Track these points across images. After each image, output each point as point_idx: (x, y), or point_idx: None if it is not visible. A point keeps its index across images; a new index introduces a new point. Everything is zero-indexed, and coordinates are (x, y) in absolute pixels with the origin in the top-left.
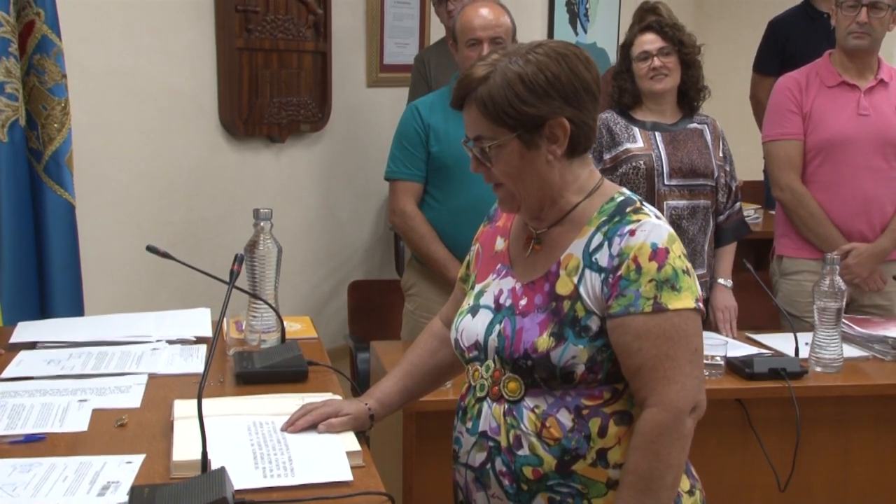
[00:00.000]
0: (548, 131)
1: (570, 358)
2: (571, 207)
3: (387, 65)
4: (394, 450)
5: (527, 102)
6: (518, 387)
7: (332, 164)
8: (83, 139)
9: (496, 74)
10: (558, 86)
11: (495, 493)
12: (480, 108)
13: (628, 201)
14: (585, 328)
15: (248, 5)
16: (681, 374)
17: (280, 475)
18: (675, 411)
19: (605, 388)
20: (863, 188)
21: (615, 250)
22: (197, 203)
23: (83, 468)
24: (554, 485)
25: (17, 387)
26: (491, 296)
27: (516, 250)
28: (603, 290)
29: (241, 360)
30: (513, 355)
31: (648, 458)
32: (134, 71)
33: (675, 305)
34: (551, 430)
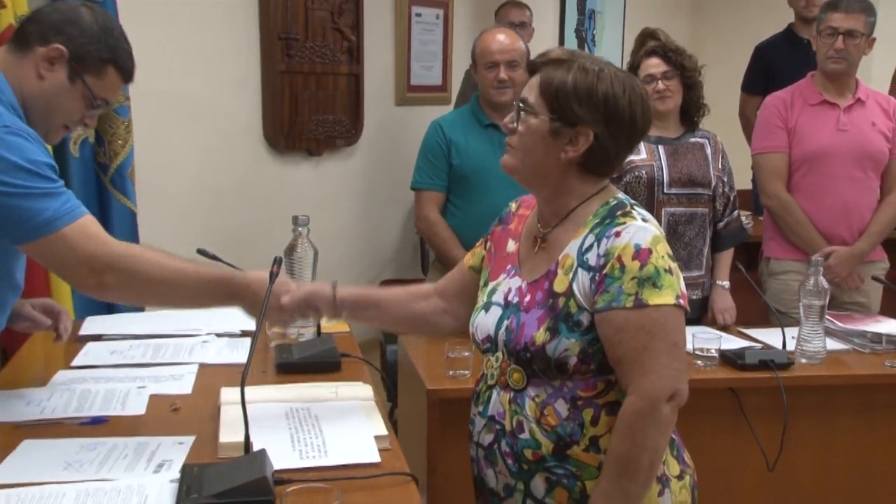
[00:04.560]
0: (574, 133)
1: (563, 350)
2: (570, 210)
3: (413, 85)
4: (418, 434)
5: (579, 100)
6: (521, 377)
7: (364, 176)
8: (143, 154)
9: (572, 65)
10: (608, 106)
11: (501, 470)
12: (542, 82)
13: (620, 205)
14: (577, 323)
15: (289, 33)
16: (658, 365)
17: (314, 456)
18: (651, 399)
19: (598, 380)
20: (843, 196)
21: (602, 250)
22: (242, 210)
23: (141, 447)
24: (551, 466)
25: (85, 374)
26: (501, 294)
27: (525, 251)
28: (591, 286)
29: (281, 352)
30: (515, 348)
31: (626, 443)
32: (188, 93)
33: (655, 301)
34: (549, 418)
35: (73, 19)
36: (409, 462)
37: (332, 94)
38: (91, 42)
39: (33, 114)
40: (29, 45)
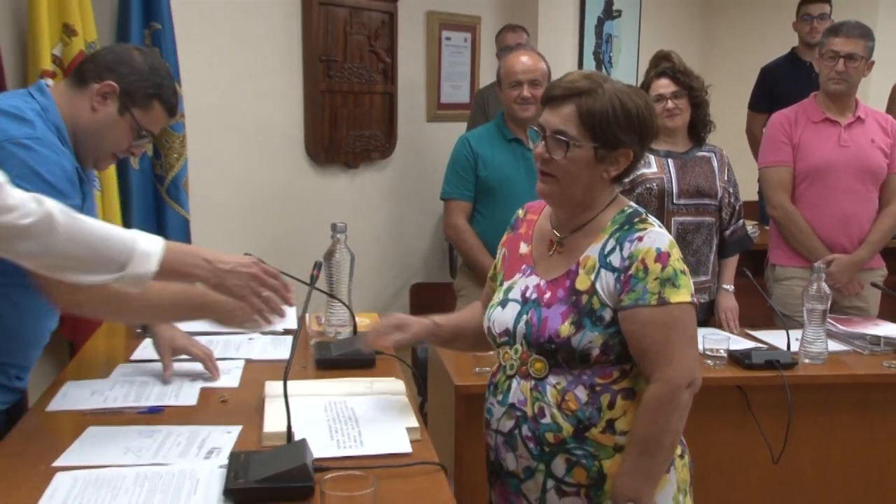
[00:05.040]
0: (616, 155)
1: (588, 343)
2: (591, 218)
3: (443, 103)
4: (447, 426)
5: (620, 126)
6: (543, 367)
7: (397, 186)
8: (196, 166)
9: (603, 93)
10: (642, 120)
11: (522, 453)
12: (579, 113)
13: (635, 213)
14: (600, 318)
15: (329, 55)
16: (678, 356)
17: (351, 446)
18: (674, 387)
19: (615, 368)
20: (843, 208)
21: (626, 253)
22: (285, 218)
23: (193, 435)
24: (571, 448)
25: (143, 368)
26: (518, 291)
27: (539, 253)
28: (616, 286)
29: (321, 349)
30: (539, 340)
31: (651, 426)
32: (237, 110)
33: (675, 299)
34: (569, 403)
35: (126, 60)
36: (437, 452)
37: (369, 111)
38: (140, 80)
39: (85, 142)
40: (85, 82)
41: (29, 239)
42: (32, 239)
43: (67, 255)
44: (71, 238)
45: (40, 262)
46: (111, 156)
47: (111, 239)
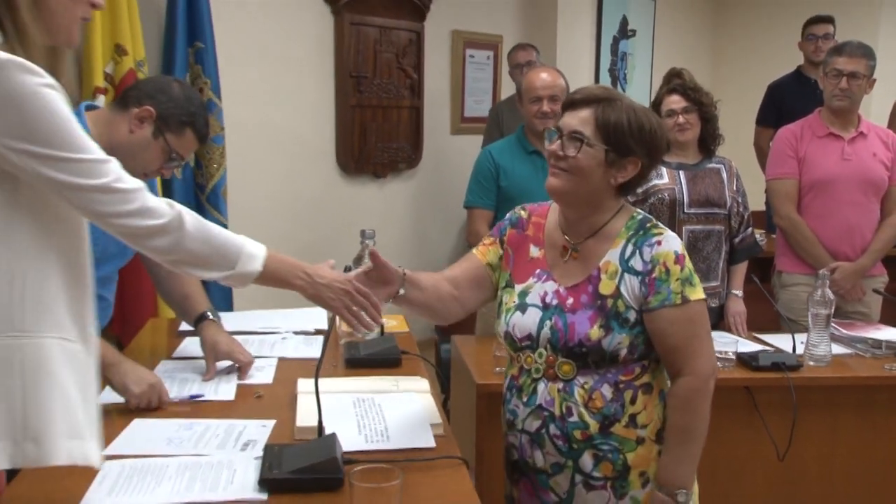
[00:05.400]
0: (626, 163)
1: (617, 344)
2: (602, 224)
3: (466, 117)
4: (468, 422)
5: (633, 136)
6: (571, 368)
7: (423, 195)
8: (235, 175)
9: (621, 104)
10: (653, 137)
11: (549, 451)
12: (596, 118)
13: (645, 219)
14: (626, 320)
15: (359, 72)
16: (703, 349)
17: (378, 441)
18: (704, 377)
19: (636, 365)
20: (847, 218)
21: (647, 257)
22: (317, 225)
23: (230, 428)
24: (598, 443)
25: (183, 364)
26: (536, 296)
27: (553, 258)
28: (641, 289)
29: (350, 349)
30: (568, 344)
31: (687, 416)
32: (273, 124)
33: (694, 297)
34: (596, 402)
35: (164, 89)
36: (459, 447)
37: (396, 124)
38: (175, 107)
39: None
40: (126, 106)
41: (163, 237)
42: (165, 237)
43: (193, 252)
44: (196, 237)
45: (169, 258)
46: (142, 175)
47: (225, 240)
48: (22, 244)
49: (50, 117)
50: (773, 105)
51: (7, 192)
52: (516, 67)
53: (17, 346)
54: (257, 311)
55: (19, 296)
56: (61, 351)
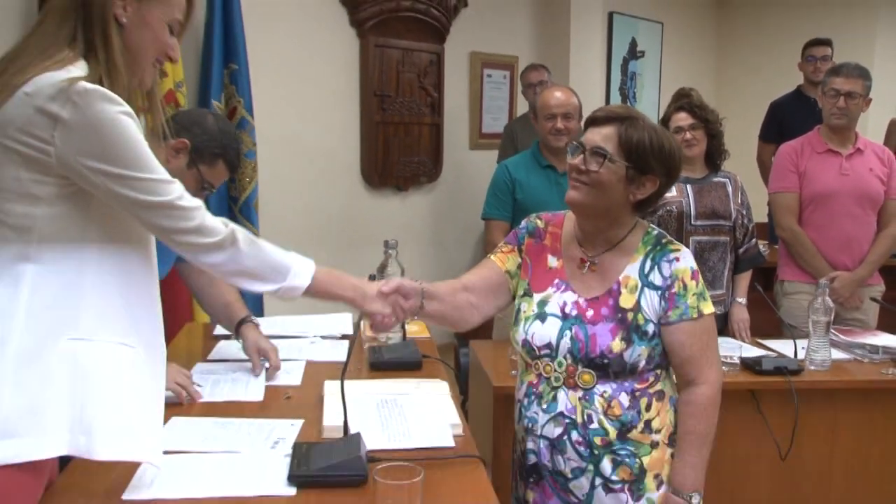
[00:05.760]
0: (645, 180)
1: (637, 356)
2: (620, 239)
3: (484, 133)
4: (485, 423)
5: (653, 154)
6: (591, 378)
7: (443, 207)
8: (266, 188)
9: (645, 122)
10: (672, 157)
11: (570, 456)
12: (619, 136)
13: (661, 234)
14: (645, 332)
15: (383, 91)
16: (715, 358)
17: (400, 440)
18: (718, 386)
19: (650, 374)
20: (845, 230)
21: (666, 273)
22: (343, 234)
23: (261, 427)
24: (616, 448)
25: (217, 367)
26: (555, 306)
27: (571, 269)
28: (661, 303)
29: (374, 353)
30: (589, 355)
31: (703, 422)
32: (302, 139)
33: (707, 310)
34: (614, 409)
35: (199, 122)
36: (477, 446)
37: (418, 140)
38: (209, 140)
39: None
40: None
41: (219, 253)
42: (221, 253)
43: (246, 266)
44: (249, 253)
45: (225, 271)
46: None
47: (276, 255)
48: (91, 256)
49: (126, 141)
50: (774, 122)
51: (81, 208)
52: (529, 87)
53: (82, 349)
54: (287, 317)
55: (84, 303)
56: (119, 355)
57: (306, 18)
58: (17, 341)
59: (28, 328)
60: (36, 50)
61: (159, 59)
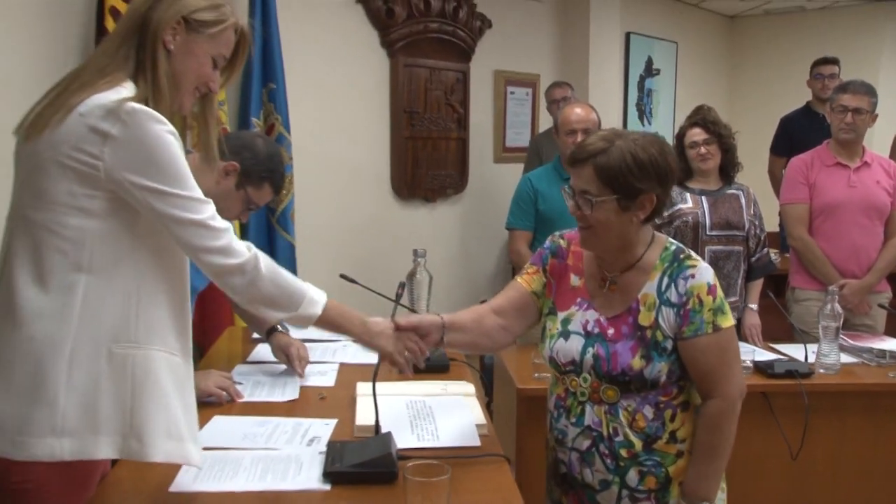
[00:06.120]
0: (640, 201)
1: (657, 372)
2: (639, 258)
3: (507, 147)
4: (509, 423)
5: (634, 176)
6: (615, 394)
7: (469, 217)
8: (301, 200)
9: (614, 149)
10: (656, 167)
11: (598, 468)
12: (596, 171)
13: (679, 250)
14: (664, 349)
15: (412, 108)
16: (732, 373)
17: (429, 439)
18: (732, 400)
19: (674, 387)
20: (853, 239)
21: (681, 290)
22: (374, 244)
23: (297, 426)
24: (642, 460)
25: (256, 368)
26: (578, 324)
27: (593, 288)
28: (676, 320)
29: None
30: (611, 372)
31: (714, 435)
32: (335, 154)
33: (725, 325)
34: (639, 422)
35: (249, 145)
36: (501, 445)
37: (445, 154)
38: (258, 164)
39: None
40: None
41: (240, 276)
42: (242, 277)
43: (263, 292)
44: (267, 279)
45: (242, 295)
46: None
47: (292, 284)
48: (140, 268)
49: (168, 159)
50: (784, 136)
51: (130, 223)
52: (553, 103)
53: (131, 355)
54: None
55: (135, 313)
56: (165, 362)
57: (340, 40)
58: (71, 346)
59: (81, 334)
60: (95, 68)
61: (199, 88)
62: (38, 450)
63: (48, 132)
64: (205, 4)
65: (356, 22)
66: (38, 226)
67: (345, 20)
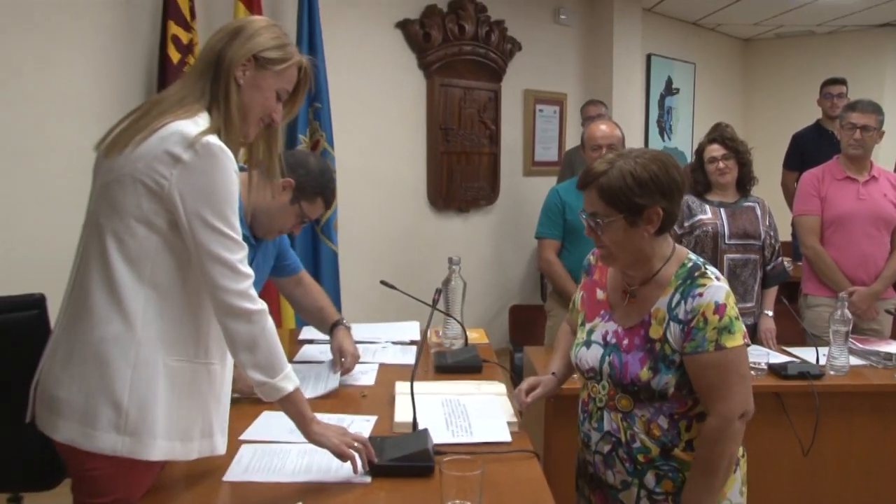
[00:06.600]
0: (646, 216)
1: (664, 384)
2: (656, 271)
3: (536, 161)
4: (538, 420)
5: (635, 193)
6: (629, 403)
7: (500, 227)
8: (344, 211)
9: (614, 170)
10: (658, 182)
11: (619, 470)
12: (599, 193)
13: (695, 266)
14: (672, 362)
15: (447, 125)
16: (731, 393)
17: (462, 435)
18: (727, 419)
19: (689, 399)
20: (862, 249)
21: (689, 307)
22: (411, 252)
23: (340, 422)
24: (659, 465)
25: (301, 367)
26: (599, 334)
27: (615, 300)
28: (681, 335)
29: (439, 357)
30: (622, 382)
31: (708, 451)
32: (375, 168)
33: (730, 344)
34: (654, 431)
35: (304, 163)
36: (531, 441)
37: (477, 167)
38: (311, 180)
39: (261, 220)
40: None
41: (246, 323)
42: (248, 324)
43: (256, 347)
44: (266, 338)
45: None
46: (277, 232)
47: (281, 356)
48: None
49: (225, 194)
50: (796, 152)
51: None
52: (588, 119)
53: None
54: (362, 324)
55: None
56: (207, 372)
57: (380, 63)
58: (136, 350)
59: (142, 342)
60: (175, 98)
61: (263, 119)
62: (103, 443)
63: (129, 149)
64: (273, 44)
65: (395, 46)
66: (109, 232)
67: (385, 44)
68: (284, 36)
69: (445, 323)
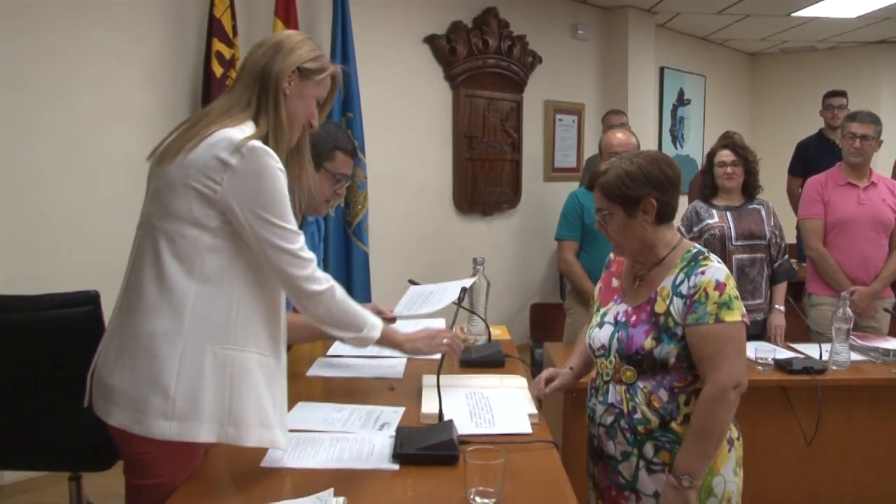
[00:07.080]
0: (642, 206)
1: (666, 353)
2: (663, 257)
3: (556, 168)
4: (557, 412)
5: (628, 187)
6: (633, 374)
7: (522, 230)
8: (375, 214)
9: (612, 170)
10: (648, 176)
11: (620, 441)
12: (601, 190)
13: (699, 252)
14: (674, 334)
15: (472, 133)
16: (727, 364)
17: (485, 426)
18: (721, 388)
19: (689, 374)
20: (862, 251)
21: (692, 283)
22: (438, 253)
23: (370, 413)
24: (658, 436)
25: (334, 361)
26: (612, 315)
27: (627, 285)
28: (683, 308)
29: (464, 352)
30: (628, 352)
31: (703, 418)
32: (404, 173)
33: (729, 319)
34: (654, 403)
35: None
36: (550, 432)
37: (500, 173)
38: (319, 142)
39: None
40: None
41: (317, 301)
42: (319, 302)
43: (335, 316)
44: (340, 306)
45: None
46: (324, 203)
47: (358, 311)
48: (241, 283)
49: (277, 192)
50: (800, 159)
51: (236, 242)
52: (609, 127)
53: (230, 356)
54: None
55: (234, 321)
56: (258, 363)
57: (408, 75)
58: (182, 344)
59: (190, 334)
60: (222, 109)
61: (305, 125)
62: (152, 428)
63: (181, 157)
64: (312, 55)
65: (423, 59)
66: (161, 233)
67: (413, 58)
68: (318, 48)
69: (470, 320)
